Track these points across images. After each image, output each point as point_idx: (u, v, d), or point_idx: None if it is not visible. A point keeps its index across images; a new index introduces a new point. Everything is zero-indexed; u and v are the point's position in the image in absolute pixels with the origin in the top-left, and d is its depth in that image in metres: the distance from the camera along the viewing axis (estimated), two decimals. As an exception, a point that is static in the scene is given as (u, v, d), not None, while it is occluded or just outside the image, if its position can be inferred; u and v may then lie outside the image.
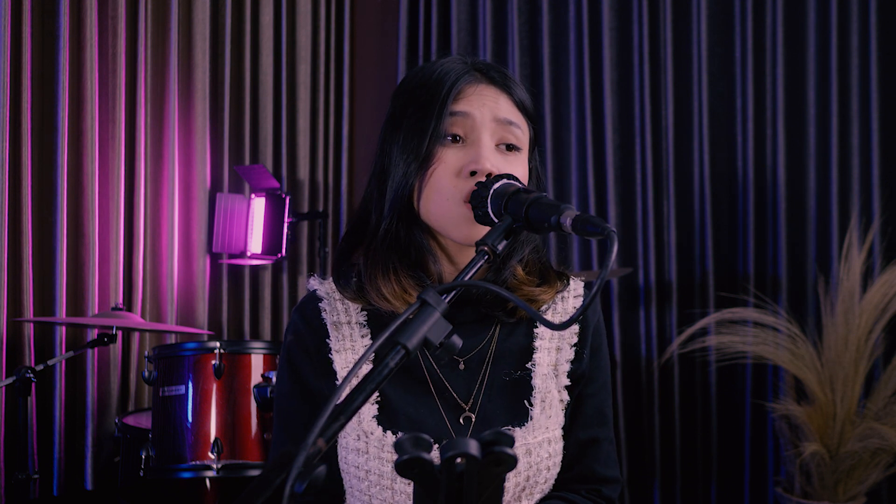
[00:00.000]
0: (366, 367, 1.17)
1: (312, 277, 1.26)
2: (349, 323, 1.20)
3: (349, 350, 1.19)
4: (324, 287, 1.23)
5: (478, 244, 0.97)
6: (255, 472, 2.20)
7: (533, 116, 1.19)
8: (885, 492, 3.32)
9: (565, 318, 1.23)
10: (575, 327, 1.23)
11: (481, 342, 1.19)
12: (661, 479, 3.57)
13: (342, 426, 0.74)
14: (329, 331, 1.19)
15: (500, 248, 0.97)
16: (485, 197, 1.04)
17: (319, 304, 1.21)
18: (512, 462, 0.73)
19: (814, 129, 3.51)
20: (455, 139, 1.13)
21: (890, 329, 3.16)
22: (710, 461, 3.56)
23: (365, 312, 1.20)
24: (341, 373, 1.18)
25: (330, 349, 1.18)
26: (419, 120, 1.13)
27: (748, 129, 3.56)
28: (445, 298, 0.86)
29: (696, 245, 3.60)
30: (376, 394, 1.14)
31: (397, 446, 0.72)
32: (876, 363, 3.24)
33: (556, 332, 1.22)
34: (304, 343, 1.21)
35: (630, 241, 3.63)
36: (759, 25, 3.58)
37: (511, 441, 0.73)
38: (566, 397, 1.20)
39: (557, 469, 1.18)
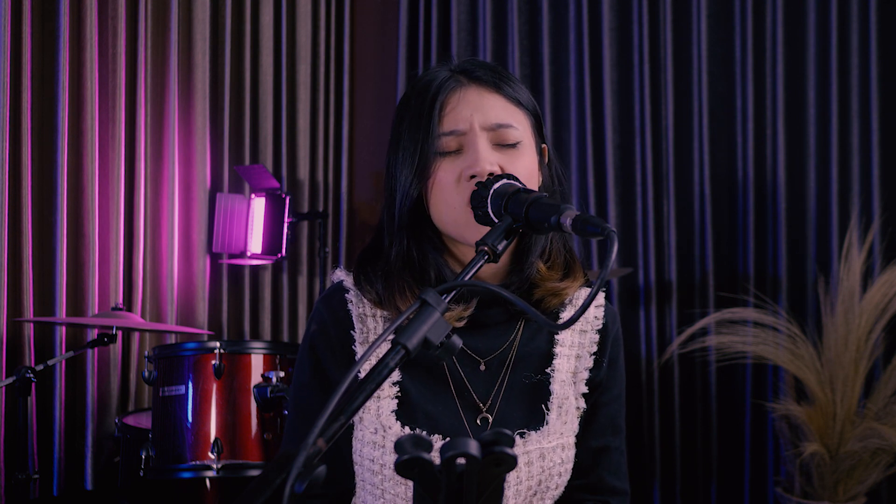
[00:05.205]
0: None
1: (339, 269, 1.24)
2: (374, 316, 1.19)
3: None
4: (350, 279, 1.22)
5: (478, 244, 0.98)
6: (255, 472, 2.20)
7: (529, 107, 1.17)
8: (885, 492, 3.32)
9: (584, 325, 1.24)
10: (595, 336, 1.24)
11: (503, 344, 1.20)
12: (661, 479, 3.57)
13: (343, 426, 0.75)
14: (354, 322, 1.18)
15: (500, 247, 0.97)
16: (485, 197, 1.04)
17: (346, 295, 1.20)
18: (512, 462, 0.73)
19: (814, 129, 3.51)
20: (453, 151, 1.12)
21: (890, 329, 3.16)
22: (710, 461, 3.56)
23: None
24: (363, 366, 1.18)
25: (354, 340, 1.17)
26: (412, 136, 1.13)
27: (748, 129, 3.55)
28: (445, 298, 0.86)
29: (696, 245, 3.60)
30: (396, 389, 1.15)
31: (398, 446, 0.71)
32: (876, 363, 3.24)
33: (576, 340, 1.23)
34: (328, 334, 1.19)
35: (630, 241, 3.63)
36: (759, 25, 3.58)
37: (511, 441, 0.73)
38: (583, 405, 1.22)
39: (568, 476, 1.19)
